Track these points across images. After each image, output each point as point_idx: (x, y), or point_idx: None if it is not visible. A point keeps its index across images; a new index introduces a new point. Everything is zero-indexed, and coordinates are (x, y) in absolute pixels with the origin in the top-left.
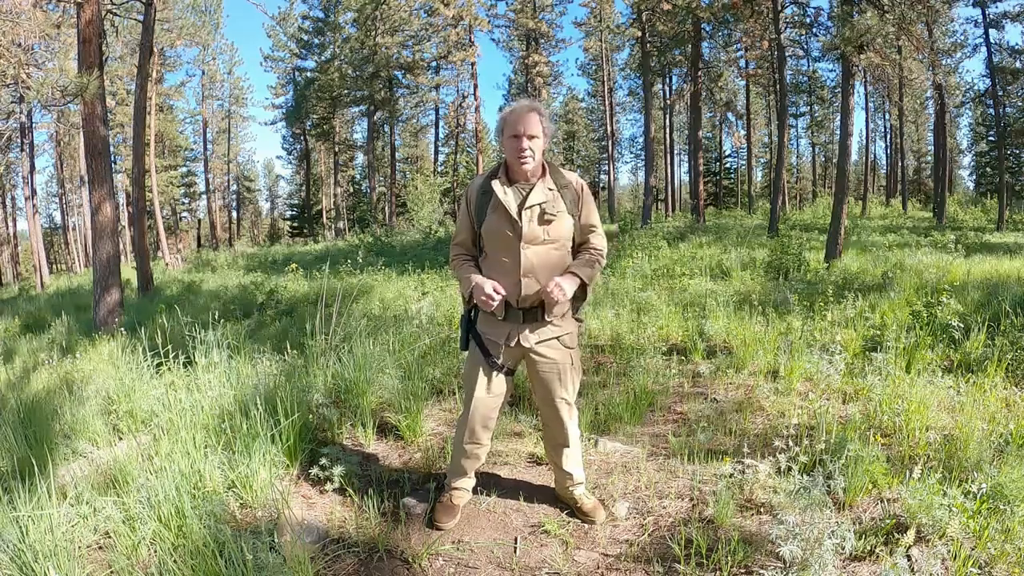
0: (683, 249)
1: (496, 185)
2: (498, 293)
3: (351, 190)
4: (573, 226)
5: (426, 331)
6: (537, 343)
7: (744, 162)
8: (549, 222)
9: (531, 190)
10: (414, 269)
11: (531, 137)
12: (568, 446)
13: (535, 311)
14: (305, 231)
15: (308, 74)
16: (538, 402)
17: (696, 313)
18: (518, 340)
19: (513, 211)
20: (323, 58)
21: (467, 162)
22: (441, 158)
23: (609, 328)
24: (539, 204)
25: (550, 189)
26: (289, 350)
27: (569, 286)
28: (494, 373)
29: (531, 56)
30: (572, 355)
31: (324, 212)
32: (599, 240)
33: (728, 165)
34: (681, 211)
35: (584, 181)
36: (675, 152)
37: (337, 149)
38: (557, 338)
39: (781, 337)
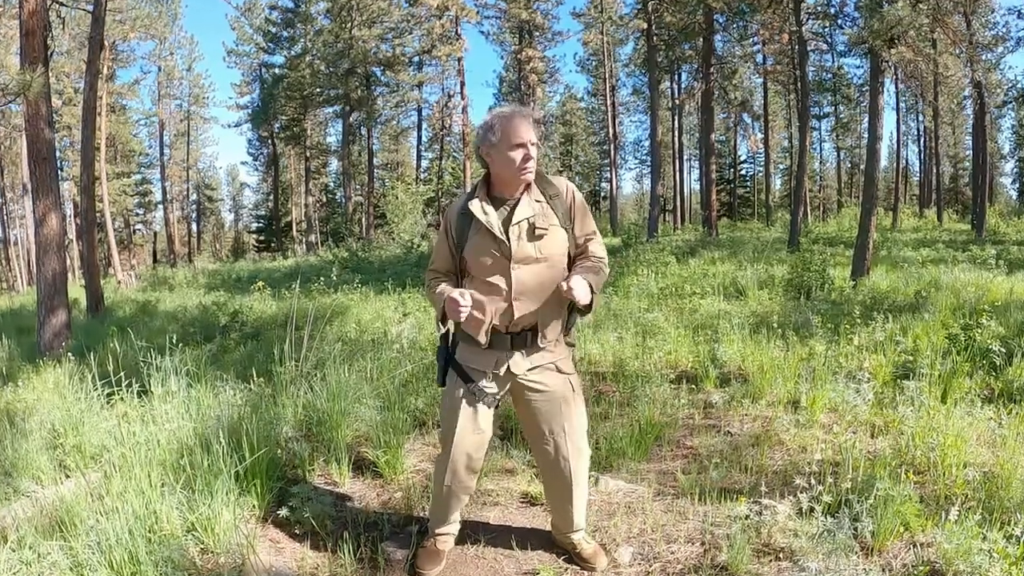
0: (693, 265)
1: (475, 205)
2: (469, 299)
3: (324, 200)
4: (567, 240)
5: (408, 356)
6: (529, 370)
7: (761, 169)
8: (540, 237)
9: (516, 205)
10: (394, 287)
11: (535, 145)
12: (573, 490)
13: (525, 335)
14: (273, 245)
15: (276, 71)
16: (532, 440)
17: (708, 336)
18: (507, 367)
19: (497, 230)
20: (293, 53)
21: (453, 168)
22: (424, 164)
23: (611, 353)
24: (527, 219)
25: (537, 201)
26: (255, 378)
27: (585, 285)
28: (480, 405)
29: (524, 50)
30: (572, 381)
31: (294, 224)
32: (599, 248)
33: (743, 172)
34: (691, 223)
35: (575, 187)
36: (684, 158)
37: (308, 154)
38: (553, 364)
39: (802, 363)
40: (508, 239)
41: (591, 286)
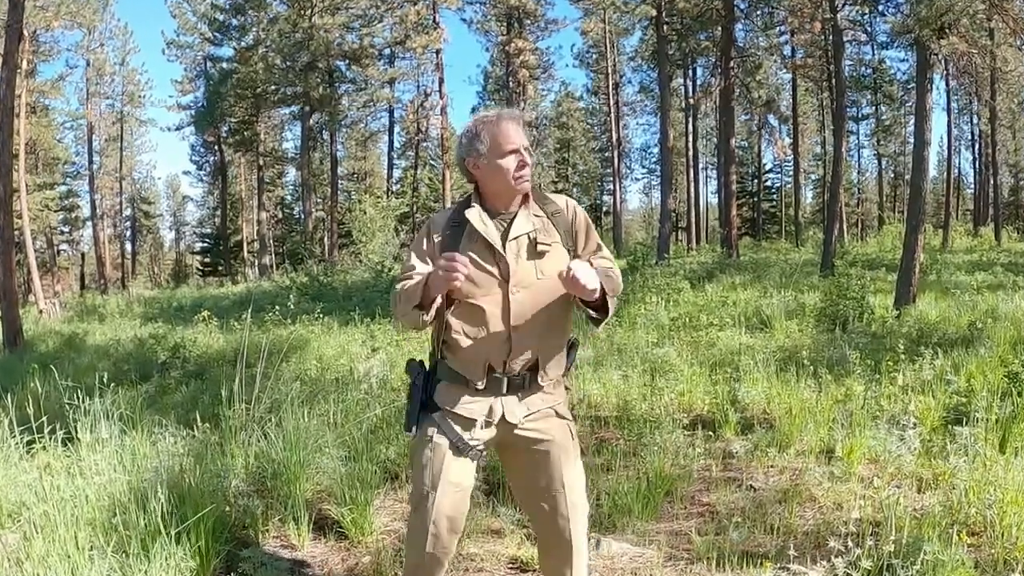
0: (711, 292)
1: (473, 213)
2: (467, 261)
3: (280, 215)
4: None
5: (377, 398)
6: (527, 417)
7: (790, 179)
8: (542, 255)
9: (513, 219)
10: (361, 318)
11: (528, 150)
12: (573, 555)
13: (523, 377)
14: (220, 268)
15: (224, 65)
16: (526, 497)
17: (727, 375)
18: (503, 416)
19: (496, 243)
20: (243, 44)
21: (431, 179)
22: (397, 174)
23: (614, 394)
24: (527, 234)
25: (537, 216)
26: (200, 423)
27: (589, 268)
28: (463, 459)
29: (513, 41)
30: (571, 428)
31: (245, 244)
32: (607, 260)
33: (769, 183)
34: (708, 243)
35: (576, 203)
36: (700, 166)
37: (262, 162)
38: (552, 408)
39: (838, 406)
40: (506, 254)
41: (601, 284)
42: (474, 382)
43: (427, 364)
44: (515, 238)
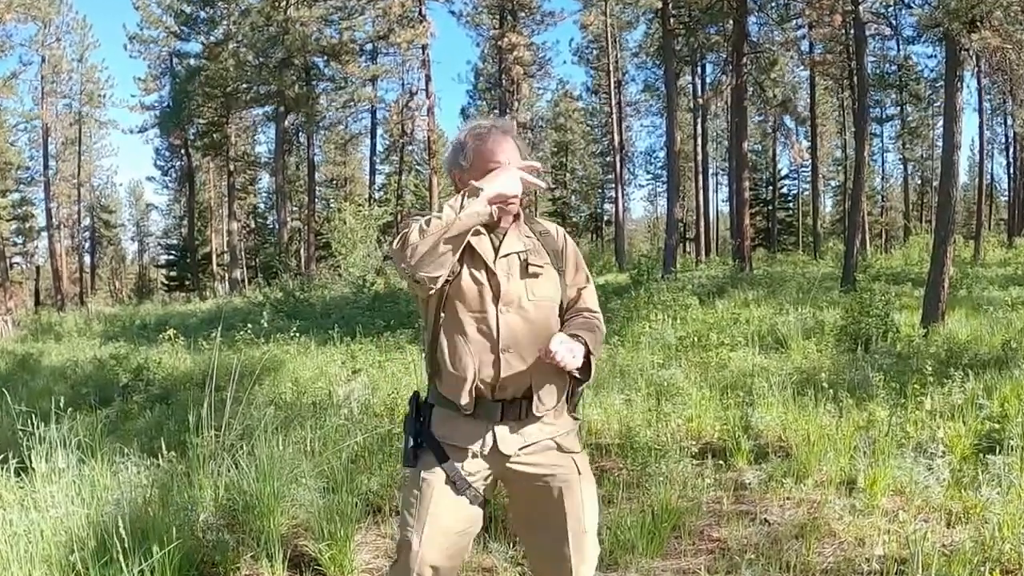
0: (721, 308)
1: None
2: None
3: (252, 225)
4: (560, 285)
5: (358, 425)
6: (522, 448)
7: (807, 186)
8: (535, 276)
9: (504, 236)
10: (341, 337)
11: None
12: None
13: (518, 405)
14: (187, 283)
15: (192, 61)
16: (526, 537)
17: (740, 399)
18: (495, 445)
19: (490, 258)
20: (213, 38)
21: (416, 185)
22: (379, 180)
23: (617, 420)
24: (517, 253)
25: (527, 236)
26: (165, 451)
27: (578, 350)
28: (462, 499)
29: (506, 36)
30: (578, 462)
31: (214, 256)
32: (593, 300)
33: (785, 190)
34: (719, 255)
35: (566, 232)
36: (710, 172)
37: (233, 167)
38: (552, 440)
39: (860, 433)
40: (496, 271)
41: (587, 346)
42: (463, 407)
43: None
44: (506, 256)
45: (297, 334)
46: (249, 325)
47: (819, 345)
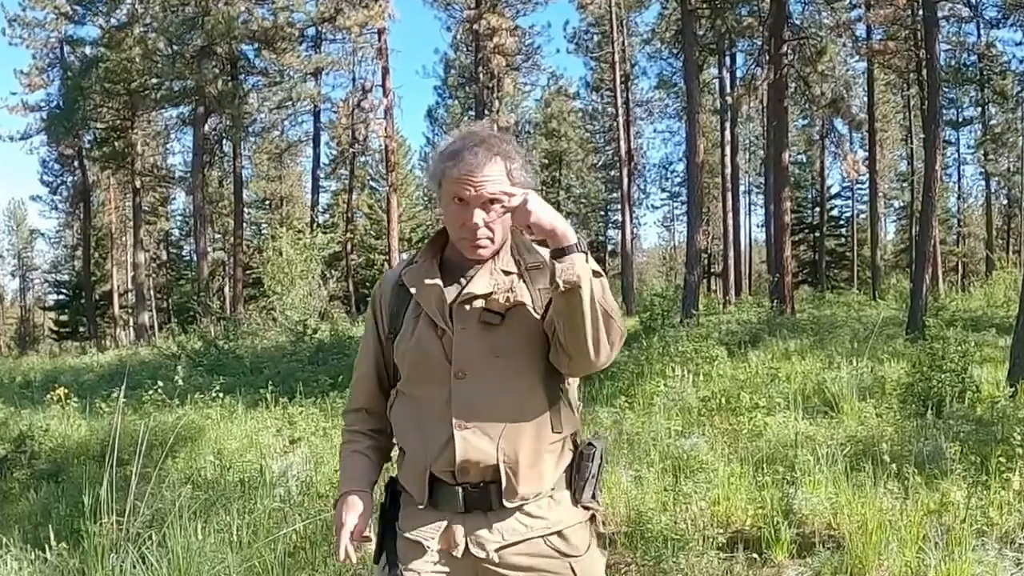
0: (756, 362)
1: (411, 275)
2: (352, 539)
3: (164, 257)
4: (540, 332)
5: (297, 509)
6: (501, 549)
7: (864, 207)
8: (491, 327)
9: (473, 277)
10: (276, 397)
11: (490, 203)
12: None
13: (485, 491)
14: (82, 330)
15: (88, 50)
16: None
17: (779, 476)
18: (465, 546)
19: (437, 313)
20: (114, 21)
21: (371, 206)
22: (324, 199)
23: (624, 503)
24: (480, 297)
25: (506, 272)
26: (54, 542)
27: (547, 211)
28: None
29: (484, 17)
30: (576, 568)
31: (116, 296)
32: None
33: (836, 212)
34: (752, 294)
35: None
36: (741, 190)
37: (140, 184)
38: (544, 539)
39: (930, 519)
40: (451, 327)
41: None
42: (415, 497)
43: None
44: (466, 301)
45: (221, 394)
46: (160, 383)
47: (879, 408)
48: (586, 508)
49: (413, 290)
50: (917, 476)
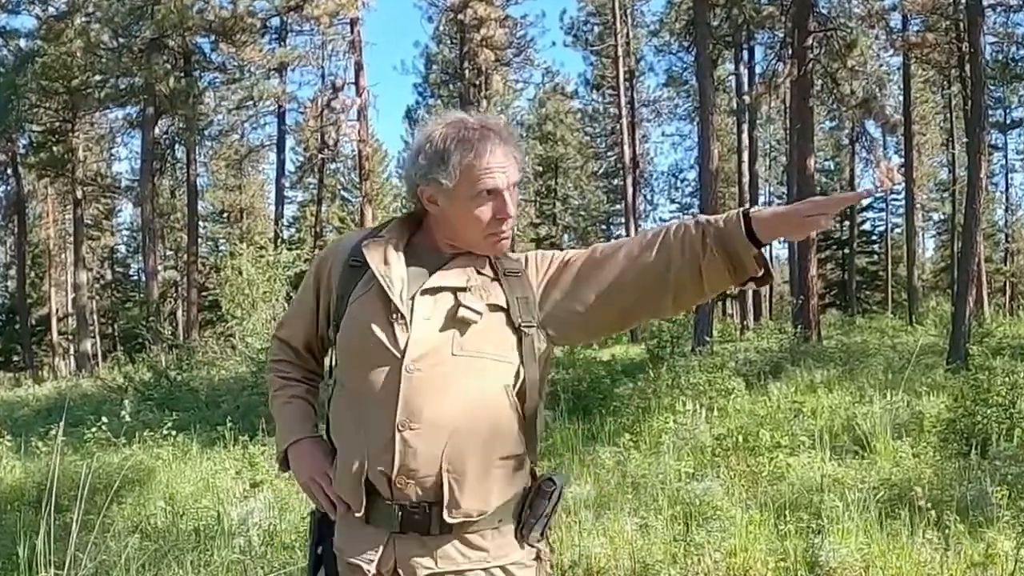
0: (777, 395)
1: (373, 249)
2: (334, 499)
3: (109, 276)
4: (511, 348)
5: (259, 561)
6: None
7: (899, 221)
8: (465, 324)
9: (443, 263)
10: (235, 435)
11: (513, 188)
12: None
13: (424, 511)
14: (16, 359)
15: (22, 43)
16: None
17: (803, 524)
18: (393, 567)
19: (397, 294)
20: (53, 11)
21: (342, 219)
22: (290, 212)
23: (628, 554)
24: (452, 289)
25: (481, 273)
26: None
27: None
28: None
29: (471, 6)
30: None
31: (55, 321)
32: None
33: (867, 226)
34: (773, 318)
35: (534, 253)
36: (760, 199)
37: (82, 194)
38: (485, 572)
39: (974, 572)
40: (410, 315)
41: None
42: (352, 508)
43: None
44: (432, 291)
45: (173, 431)
46: (104, 419)
47: (916, 447)
48: (532, 547)
49: (373, 265)
50: (959, 524)
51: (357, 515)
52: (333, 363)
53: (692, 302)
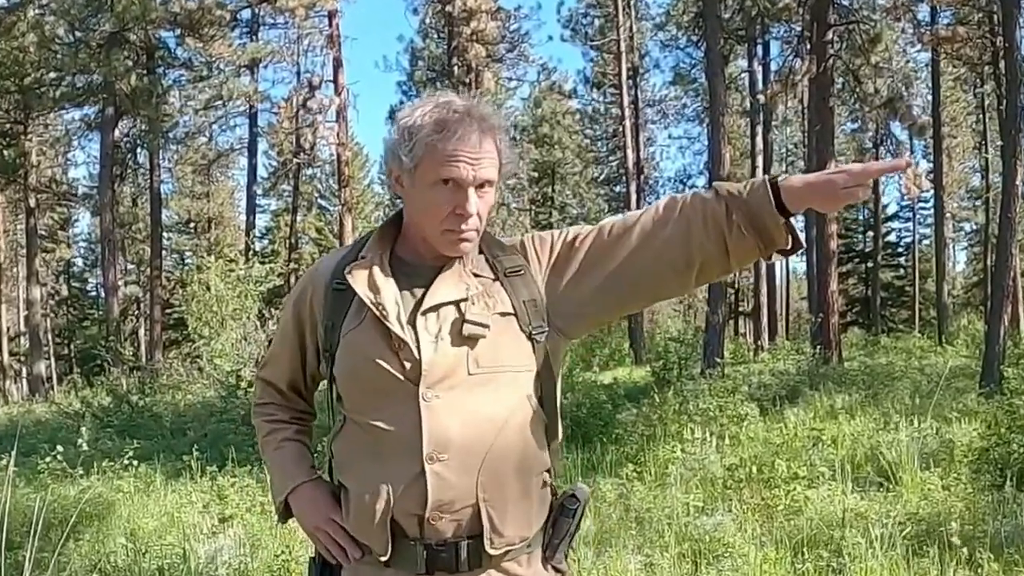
0: (794, 421)
1: (358, 274)
2: (349, 548)
3: (65, 292)
4: (528, 349)
5: None
6: None
7: (928, 231)
8: (473, 340)
9: (435, 275)
10: (203, 465)
11: (484, 186)
12: None
13: (455, 546)
14: None
15: None
16: None
17: (822, 562)
18: None
19: (396, 322)
20: (3, 2)
21: (319, 230)
22: (262, 222)
23: None
24: (451, 303)
25: (478, 275)
26: None
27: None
28: None
29: None
30: None
31: (5, 340)
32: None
33: (893, 237)
34: (790, 338)
35: (534, 234)
36: None
37: (35, 202)
38: None
39: None
40: (416, 341)
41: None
42: (376, 552)
43: None
44: (432, 309)
45: (135, 461)
46: (60, 447)
47: (946, 479)
48: (557, 570)
49: (362, 293)
50: (993, 562)
51: (382, 558)
52: (335, 398)
53: (716, 278)
